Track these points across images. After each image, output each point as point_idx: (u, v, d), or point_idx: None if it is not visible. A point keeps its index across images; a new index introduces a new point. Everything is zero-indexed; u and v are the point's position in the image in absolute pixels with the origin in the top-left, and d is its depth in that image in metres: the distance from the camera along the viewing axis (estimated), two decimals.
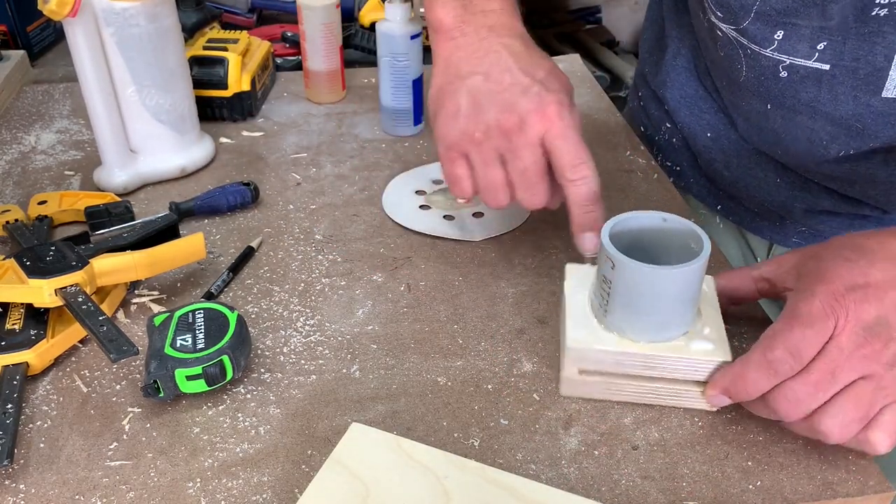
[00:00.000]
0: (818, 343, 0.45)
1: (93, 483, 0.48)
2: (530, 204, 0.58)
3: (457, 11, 0.61)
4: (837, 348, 0.45)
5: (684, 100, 0.76)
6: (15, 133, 0.87)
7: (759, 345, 0.47)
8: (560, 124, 0.56)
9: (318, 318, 0.61)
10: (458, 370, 0.56)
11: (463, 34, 0.60)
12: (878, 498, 0.47)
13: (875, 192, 0.66)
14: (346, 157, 0.84)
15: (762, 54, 0.60)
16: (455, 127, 0.58)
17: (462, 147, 0.58)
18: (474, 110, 0.57)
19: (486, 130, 0.57)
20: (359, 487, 0.43)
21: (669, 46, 0.77)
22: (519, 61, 0.58)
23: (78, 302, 0.55)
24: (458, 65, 0.59)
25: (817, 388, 0.45)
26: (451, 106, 0.58)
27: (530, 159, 0.56)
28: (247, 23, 1.28)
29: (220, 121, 0.90)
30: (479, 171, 0.58)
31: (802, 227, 0.71)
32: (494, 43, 0.59)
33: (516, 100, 0.56)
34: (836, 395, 0.45)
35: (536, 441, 0.51)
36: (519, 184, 0.58)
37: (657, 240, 0.53)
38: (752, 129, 0.68)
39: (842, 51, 0.57)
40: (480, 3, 0.61)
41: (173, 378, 0.51)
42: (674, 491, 0.47)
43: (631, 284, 0.49)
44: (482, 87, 0.57)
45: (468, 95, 0.58)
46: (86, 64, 0.69)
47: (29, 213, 0.71)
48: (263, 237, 0.70)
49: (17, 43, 1.10)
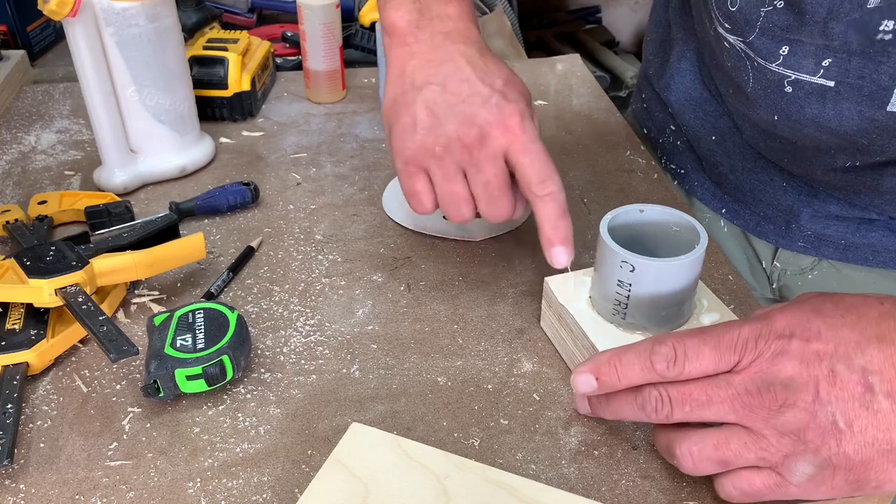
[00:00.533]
0: (710, 366, 0.42)
1: (93, 483, 0.48)
2: (494, 217, 0.57)
3: (411, 16, 0.58)
4: (727, 382, 0.42)
5: (689, 102, 0.76)
6: (15, 133, 0.88)
7: (653, 336, 0.45)
8: (523, 137, 0.54)
9: (318, 317, 0.61)
10: (458, 370, 0.56)
11: (417, 40, 0.58)
12: (878, 498, 0.47)
13: (881, 202, 0.65)
14: (346, 157, 0.84)
15: (768, 68, 0.60)
16: (413, 140, 0.56)
17: (421, 161, 0.56)
18: (432, 123, 0.55)
19: (446, 144, 0.55)
20: (359, 487, 0.43)
21: (674, 48, 0.77)
22: (476, 70, 0.56)
23: (78, 302, 0.55)
24: (412, 74, 0.57)
25: (687, 401, 0.42)
26: (408, 118, 0.56)
27: (492, 172, 0.55)
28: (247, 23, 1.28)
29: (220, 121, 0.90)
30: (441, 186, 0.56)
31: (808, 232, 0.71)
32: (451, 50, 0.57)
33: (476, 111, 0.54)
34: (705, 427, 0.43)
35: (536, 441, 0.51)
36: (482, 197, 0.56)
37: (642, 232, 0.55)
38: (758, 137, 0.68)
39: (847, 68, 0.56)
40: (436, 8, 0.58)
41: (173, 378, 0.51)
42: (674, 491, 0.47)
43: (653, 282, 0.50)
44: (439, 99, 0.55)
45: (425, 107, 0.56)
46: (86, 64, 0.70)
47: (29, 213, 0.71)
48: (263, 237, 0.70)
49: (17, 43, 1.10)
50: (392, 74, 0.59)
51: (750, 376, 0.41)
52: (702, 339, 0.43)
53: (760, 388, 0.41)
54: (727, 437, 0.42)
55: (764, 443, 0.41)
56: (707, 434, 0.43)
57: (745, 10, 0.59)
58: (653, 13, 0.84)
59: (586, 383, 0.46)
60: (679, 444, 0.43)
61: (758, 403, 0.41)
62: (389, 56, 0.60)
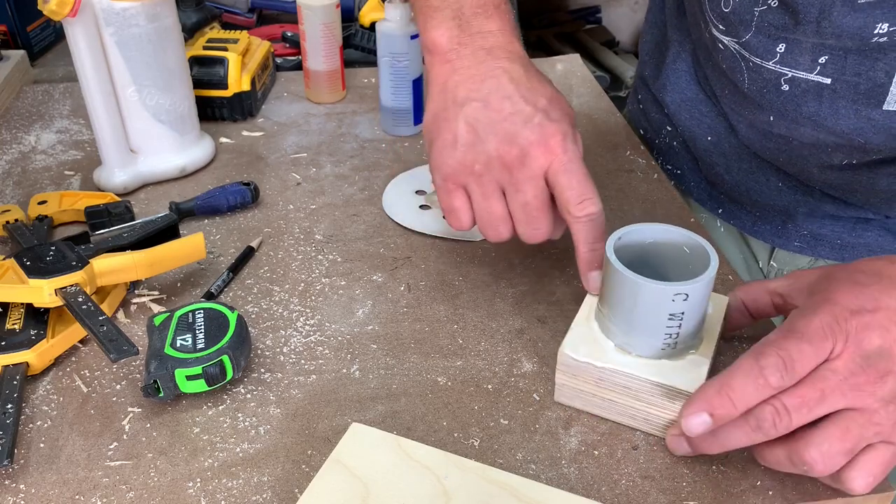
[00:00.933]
0: (814, 360, 0.43)
1: (93, 483, 0.48)
2: (532, 238, 0.56)
3: (452, 32, 0.58)
4: (831, 371, 0.42)
5: (684, 103, 0.76)
6: (15, 133, 0.87)
7: (748, 354, 0.44)
8: (563, 157, 0.54)
9: (318, 318, 0.61)
10: (458, 370, 0.56)
11: (459, 56, 0.57)
12: (878, 498, 0.47)
13: (877, 200, 0.65)
14: (346, 157, 0.84)
15: (764, 67, 0.60)
16: (452, 157, 0.56)
17: (460, 179, 0.56)
18: (473, 140, 0.55)
19: (486, 162, 0.54)
20: (359, 487, 0.43)
21: (670, 50, 0.77)
22: (519, 87, 0.55)
23: (78, 302, 0.55)
24: (454, 90, 0.56)
25: (804, 403, 0.42)
26: (448, 135, 0.56)
27: (532, 193, 0.54)
28: (247, 23, 1.28)
29: (220, 121, 0.90)
30: (479, 205, 0.56)
31: (804, 231, 0.71)
32: (493, 67, 0.56)
33: (518, 130, 0.54)
34: (821, 423, 0.43)
35: (536, 441, 0.51)
36: (520, 218, 0.55)
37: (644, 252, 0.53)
38: (754, 137, 0.68)
39: (843, 66, 0.56)
40: (478, 24, 0.58)
41: (173, 378, 0.51)
42: (674, 491, 0.47)
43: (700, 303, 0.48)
44: (481, 116, 0.55)
45: (466, 124, 0.55)
46: (86, 64, 0.70)
47: (29, 213, 0.71)
48: (263, 237, 0.70)
49: (17, 43, 1.10)
50: (434, 90, 0.58)
51: (850, 356, 0.42)
52: (797, 338, 0.43)
53: (862, 365, 0.42)
54: (846, 426, 0.42)
55: (877, 416, 0.42)
56: (827, 430, 0.43)
57: (739, 11, 0.59)
58: (649, 15, 0.84)
59: (701, 423, 0.44)
60: (807, 451, 0.43)
61: (864, 381, 0.42)
62: (431, 73, 0.59)
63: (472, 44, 0.57)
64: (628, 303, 0.49)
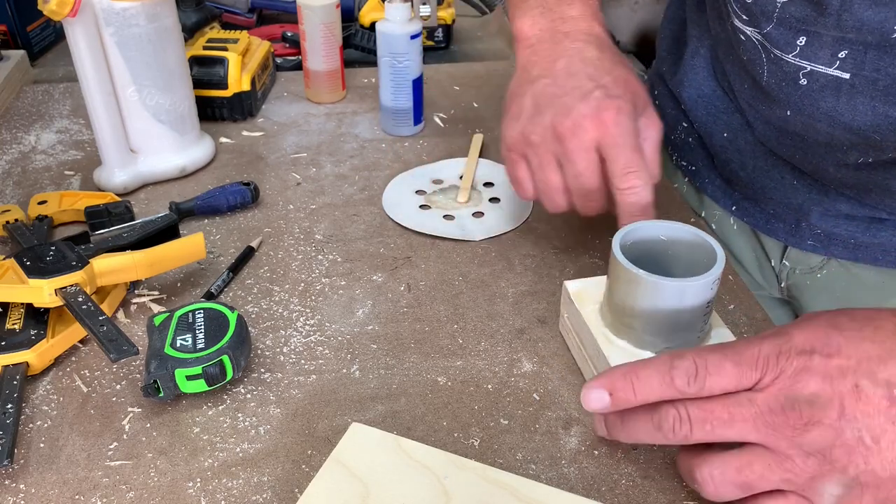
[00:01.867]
0: (730, 382, 0.41)
1: (93, 483, 0.48)
2: (586, 210, 0.58)
3: (535, 20, 0.62)
4: (748, 400, 0.40)
5: (701, 99, 0.76)
6: (15, 133, 0.88)
7: (670, 352, 0.43)
8: (615, 130, 0.55)
9: (318, 317, 0.61)
10: (458, 370, 0.56)
11: (540, 41, 0.61)
12: None
13: (892, 201, 0.65)
14: (346, 157, 0.84)
15: (784, 59, 0.60)
16: (515, 128, 0.59)
17: (520, 148, 0.59)
18: (534, 113, 0.58)
19: (542, 133, 0.57)
20: (359, 487, 0.43)
21: (689, 45, 0.77)
22: (587, 66, 0.58)
23: (78, 302, 0.55)
24: (531, 69, 0.60)
25: (708, 419, 0.40)
26: (515, 108, 0.59)
27: (583, 164, 0.56)
28: (247, 23, 1.28)
29: (220, 121, 0.90)
30: (537, 174, 0.59)
31: (818, 230, 0.70)
32: (568, 48, 0.59)
33: (574, 104, 0.56)
34: (726, 449, 0.41)
35: (536, 441, 0.51)
36: (575, 189, 0.57)
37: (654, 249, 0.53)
38: (770, 133, 0.68)
39: (863, 60, 0.56)
40: (560, 10, 0.62)
41: (173, 378, 0.51)
42: (674, 491, 0.47)
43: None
44: (545, 91, 0.58)
45: (532, 98, 0.58)
46: (86, 64, 0.70)
47: (29, 213, 0.71)
48: (263, 237, 0.70)
49: (17, 43, 1.10)
50: (516, 73, 0.62)
51: (773, 394, 0.40)
52: (723, 355, 0.41)
53: (784, 406, 0.39)
54: (750, 460, 0.40)
55: (789, 464, 0.39)
56: (728, 457, 0.41)
57: (762, 2, 0.59)
58: (667, 11, 0.85)
59: (598, 399, 0.43)
60: (700, 468, 0.42)
61: (782, 422, 0.39)
62: (517, 58, 0.64)
63: (553, 28, 0.61)
64: (670, 304, 0.48)
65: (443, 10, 1.16)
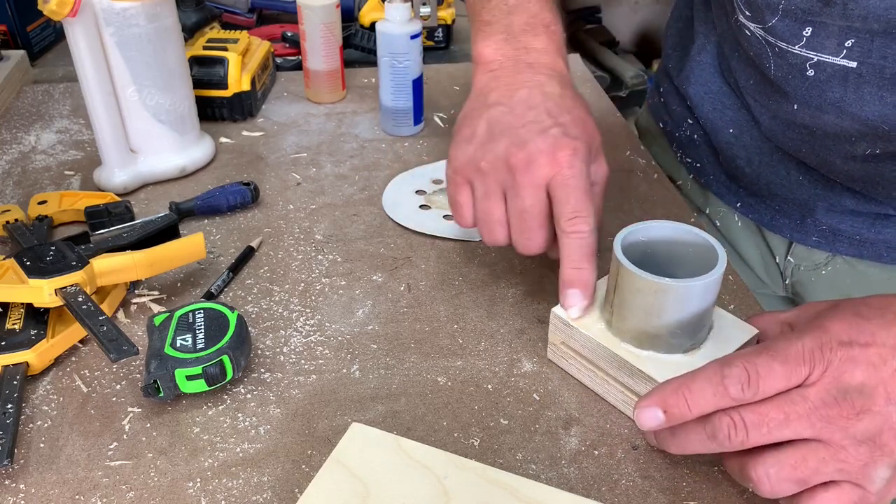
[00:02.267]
0: (783, 382, 0.41)
1: (93, 483, 0.48)
2: (524, 248, 0.55)
3: (499, 45, 0.61)
4: (802, 397, 0.40)
5: (707, 95, 0.76)
6: (15, 133, 0.88)
7: (717, 360, 0.43)
8: (568, 172, 0.53)
9: (318, 317, 0.61)
10: (458, 370, 0.56)
11: (501, 67, 0.60)
12: None
13: None
14: (346, 157, 0.84)
15: (790, 51, 0.60)
16: (465, 151, 0.57)
17: (467, 173, 0.57)
18: (487, 139, 0.56)
19: (493, 161, 0.55)
20: (359, 487, 0.43)
21: (695, 42, 0.77)
22: (547, 101, 0.56)
23: (78, 302, 0.55)
24: (488, 94, 0.59)
25: (764, 422, 0.41)
26: (468, 130, 0.58)
27: (530, 201, 0.53)
28: (247, 23, 1.28)
29: (220, 121, 0.90)
30: (479, 203, 0.56)
31: (823, 226, 0.70)
32: (530, 79, 0.58)
33: (531, 138, 0.54)
34: (780, 446, 0.41)
35: (536, 441, 0.51)
36: (515, 224, 0.55)
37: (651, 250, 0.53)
38: (777, 128, 0.68)
39: (870, 48, 0.56)
40: (525, 40, 0.60)
41: (173, 378, 0.51)
42: (674, 491, 0.47)
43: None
44: (502, 119, 0.56)
45: (487, 123, 0.57)
46: (86, 64, 0.69)
47: (29, 213, 0.71)
48: (263, 237, 0.70)
49: (17, 43, 1.10)
50: (472, 95, 0.61)
51: (825, 387, 0.40)
52: (769, 356, 0.41)
53: (837, 398, 0.40)
54: (804, 455, 0.41)
55: (843, 454, 0.40)
56: (783, 454, 0.41)
57: None
58: (674, 10, 0.85)
59: (653, 418, 0.43)
60: (755, 468, 0.42)
61: (836, 414, 0.40)
62: (474, 80, 0.62)
63: (516, 57, 0.60)
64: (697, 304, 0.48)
65: (443, 10, 1.16)
